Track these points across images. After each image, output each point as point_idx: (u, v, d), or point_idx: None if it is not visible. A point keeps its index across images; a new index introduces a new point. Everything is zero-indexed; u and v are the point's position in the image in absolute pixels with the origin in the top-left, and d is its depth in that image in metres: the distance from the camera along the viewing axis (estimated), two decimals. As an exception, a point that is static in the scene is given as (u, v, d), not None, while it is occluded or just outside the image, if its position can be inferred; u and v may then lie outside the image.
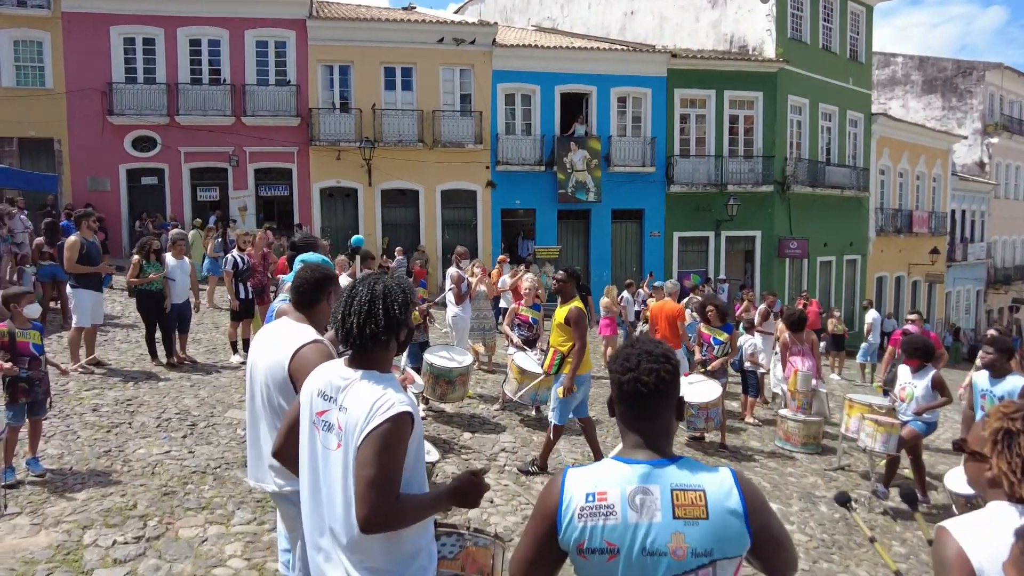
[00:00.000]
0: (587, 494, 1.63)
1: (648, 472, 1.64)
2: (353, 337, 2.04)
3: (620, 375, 1.71)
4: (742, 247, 22.43)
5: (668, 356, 1.75)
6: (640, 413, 1.71)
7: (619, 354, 1.77)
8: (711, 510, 1.60)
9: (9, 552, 3.81)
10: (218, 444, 5.73)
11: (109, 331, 9.36)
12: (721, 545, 1.59)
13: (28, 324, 4.90)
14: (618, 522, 1.60)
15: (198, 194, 19.07)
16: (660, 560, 1.58)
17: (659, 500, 1.61)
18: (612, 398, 1.78)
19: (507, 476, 5.74)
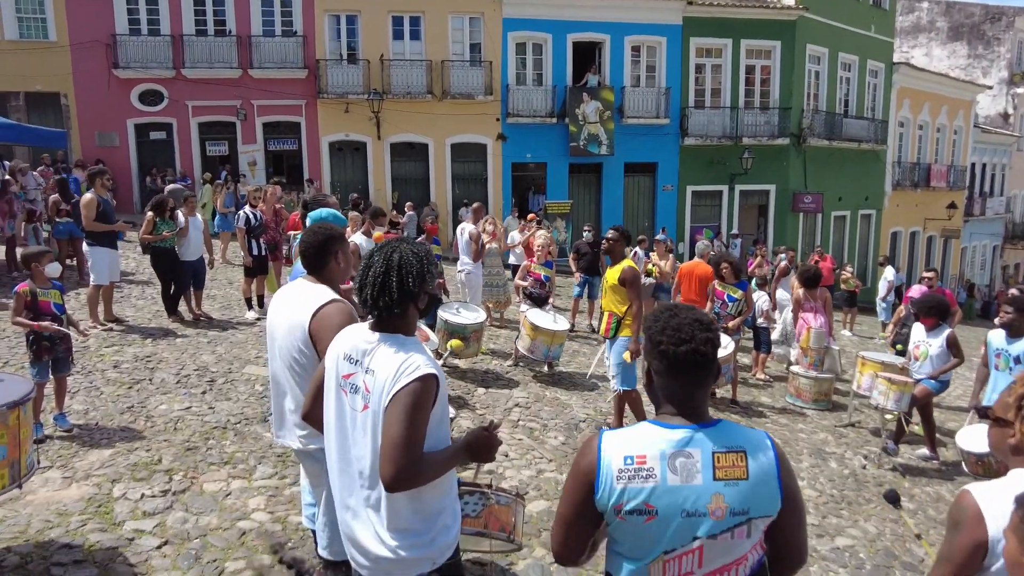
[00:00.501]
0: (625, 457, 1.66)
1: (689, 436, 1.68)
2: (369, 307, 2.08)
3: (675, 346, 1.70)
4: (756, 201, 22.17)
5: (714, 322, 1.80)
6: (690, 381, 1.73)
7: (665, 323, 1.74)
8: (751, 471, 1.65)
9: (44, 504, 3.93)
10: (237, 400, 5.84)
11: (124, 288, 9.44)
12: (757, 504, 1.65)
13: (48, 284, 4.93)
14: (657, 484, 1.64)
15: (207, 149, 18.95)
16: (700, 520, 1.63)
17: (699, 463, 1.65)
18: (652, 367, 1.78)
19: (521, 431, 5.82)
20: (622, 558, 1.72)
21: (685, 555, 1.65)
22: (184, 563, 3.49)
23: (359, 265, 2.19)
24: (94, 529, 3.72)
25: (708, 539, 1.64)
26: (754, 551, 1.70)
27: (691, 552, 1.65)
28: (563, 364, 8.03)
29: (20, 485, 3.37)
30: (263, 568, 3.49)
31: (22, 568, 3.35)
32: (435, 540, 2.09)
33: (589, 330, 10.42)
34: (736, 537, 1.65)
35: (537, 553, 3.91)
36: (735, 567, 1.67)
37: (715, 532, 1.63)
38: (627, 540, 1.70)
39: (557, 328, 7.42)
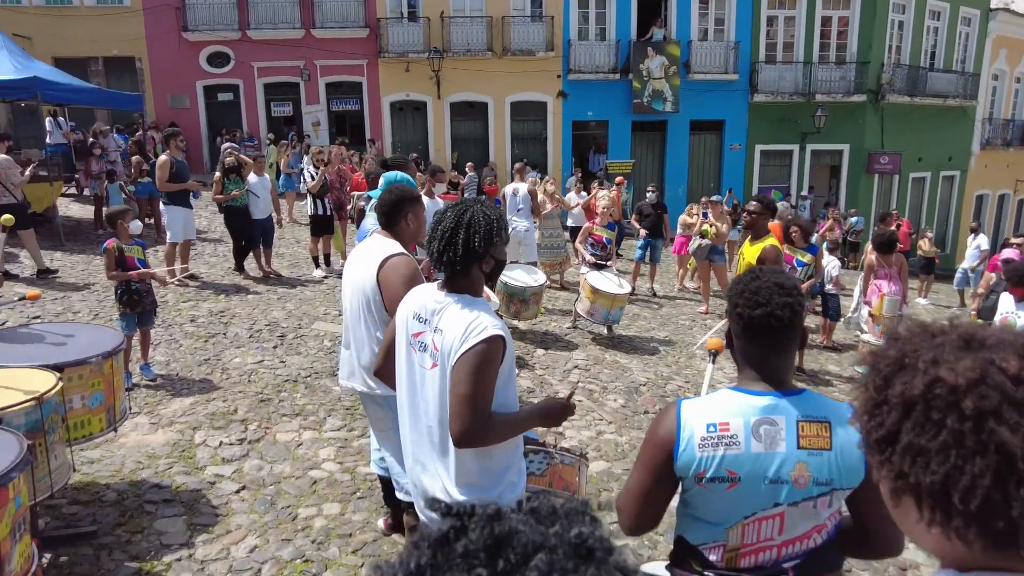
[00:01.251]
0: (708, 424, 1.64)
1: (773, 404, 1.65)
2: (437, 260, 2.10)
3: (750, 309, 1.67)
4: (828, 162, 21.15)
5: (797, 288, 1.72)
6: (768, 347, 1.70)
7: (745, 286, 1.71)
8: (835, 441, 1.62)
9: (135, 447, 4.22)
10: (307, 354, 6.06)
11: (199, 245, 9.85)
12: (841, 476, 1.62)
13: (131, 240, 5.18)
14: (741, 452, 1.62)
15: (272, 109, 19.36)
16: (782, 487, 1.62)
17: (783, 431, 1.63)
18: (732, 331, 1.76)
19: (581, 392, 5.84)
20: (699, 522, 1.71)
21: (765, 520, 1.64)
22: (260, 507, 3.70)
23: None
24: (179, 472, 3.97)
25: (789, 506, 1.62)
26: (832, 519, 1.67)
27: (772, 518, 1.63)
28: (623, 328, 7.97)
29: (115, 429, 3.62)
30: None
31: (119, 504, 3.61)
32: (502, 496, 2.13)
33: (650, 294, 10.28)
34: (818, 507, 1.63)
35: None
36: (814, 533, 1.65)
37: (797, 500, 1.62)
38: (706, 506, 1.69)
39: (618, 291, 7.35)
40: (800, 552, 1.65)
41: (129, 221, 5.14)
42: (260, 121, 19.18)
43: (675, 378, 6.55)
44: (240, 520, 3.57)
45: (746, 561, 1.66)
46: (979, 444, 0.74)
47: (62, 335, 3.71)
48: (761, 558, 1.65)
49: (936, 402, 0.78)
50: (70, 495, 3.64)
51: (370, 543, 3.47)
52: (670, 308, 9.67)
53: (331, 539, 3.48)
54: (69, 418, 3.18)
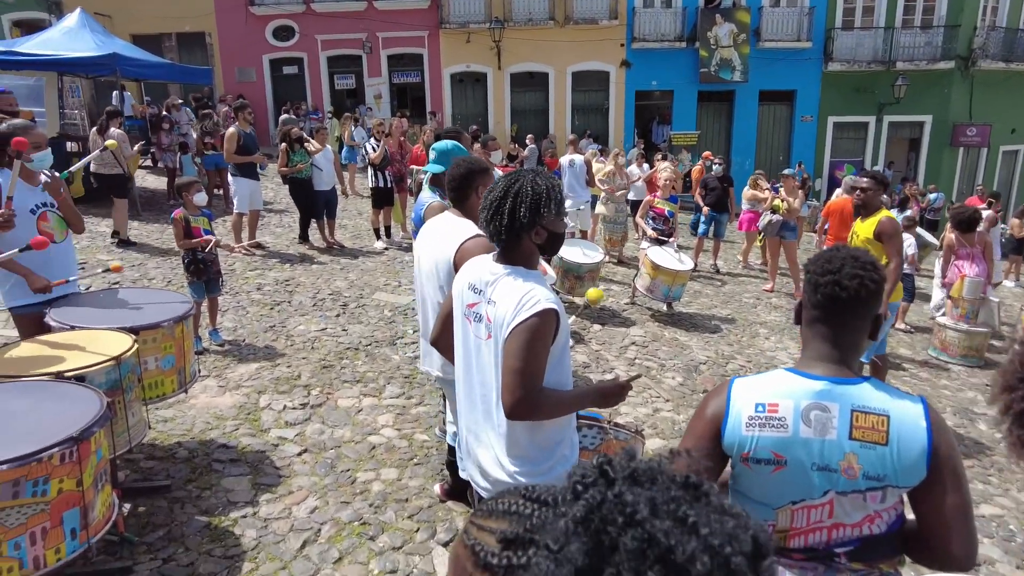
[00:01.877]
0: (757, 404, 1.59)
1: (828, 389, 1.57)
2: (493, 232, 2.08)
3: (819, 276, 1.61)
4: (907, 134, 19.97)
5: (876, 265, 1.63)
6: (831, 321, 1.62)
7: (822, 255, 1.66)
8: (892, 437, 1.52)
9: (204, 408, 4.42)
10: (368, 323, 6.18)
11: (265, 216, 10.14)
12: (896, 474, 1.52)
13: (198, 211, 5.35)
14: (787, 435, 1.56)
15: (335, 82, 19.65)
16: (830, 476, 1.55)
17: (836, 419, 1.54)
18: (802, 302, 1.69)
19: (638, 368, 5.77)
20: (748, 500, 1.66)
21: (814, 507, 1.57)
22: (321, 470, 3.82)
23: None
24: (245, 433, 4.14)
25: (838, 494, 1.55)
26: (889, 512, 1.58)
27: (821, 505, 1.57)
28: (684, 305, 7.81)
29: (186, 390, 3.79)
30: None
31: (190, 461, 3.80)
32: (553, 469, 2.12)
33: (713, 270, 10.02)
34: (868, 500, 1.55)
35: (651, 490, 3.92)
36: (867, 523, 1.57)
37: (845, 490, 1.54)
38: (752, 486, 1.64)
39: (680, 268, 7.18)
40: (853, 538, 1.58)
41: (194, 193, 5.29)
42: (324, 94, 19.51)
43: (737, 357, 6.38)
44: (302, 482, 3.69)
45: (796, 542, 1.60)
46: None
47: (138, 300, 3.89)
48: (811, 540, 1.59)
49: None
50: (146, 451, 3.84)
51: (425, 508, 3.54)
52: (733, 285, 9.41)
53: (388, 503, 3.56)
54: (144, 378, 3.34)
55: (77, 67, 10.65)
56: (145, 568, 2.93)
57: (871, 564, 1.58)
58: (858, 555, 1.58)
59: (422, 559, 3.18)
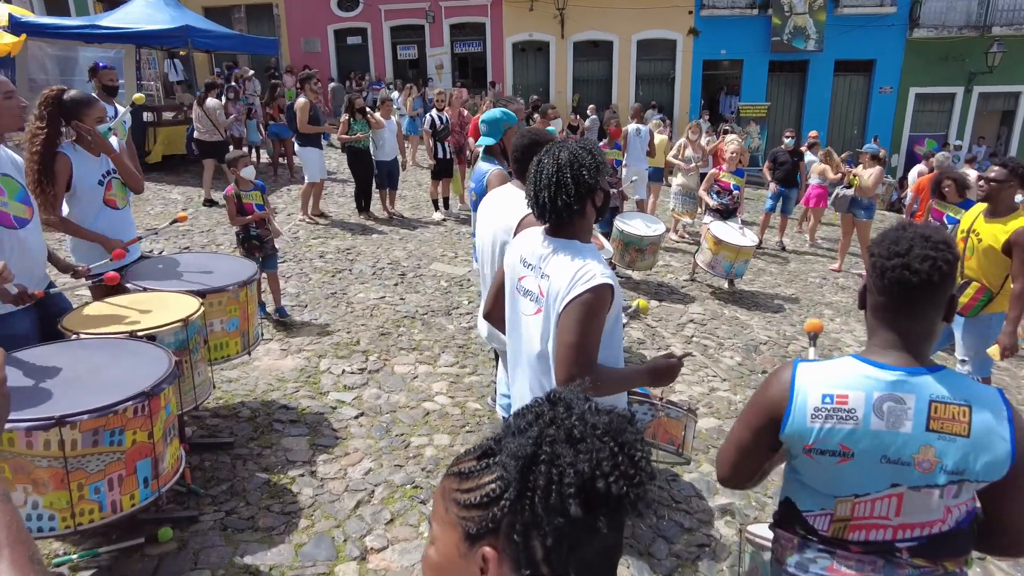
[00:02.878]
0: (824, 395, 1.50)
1: (903, 380, 1.47)
2: (548, 211, 2.01)
3: (885, 259, 1.49)
4: (999, 107, 18.64)
5: (949, 244, 1.49)
6: (902, 307, 1.50)
7: (887, 235, 1.54)
8: (975, 428, 1.43)
9: (267, 370, 4.59)
10: (424, 293, 6.27)
11: (327, 186, 10.36)
12: (977, 467, 1.43)
13: (250, 185, 5.23)
14: (858, 427, 1.48)
15: (398, 53, 19.74)
16: (902, 469, 1.47)
17: (912, 410, 1.45)
18: (867, 286, 1.59)
19: (694, 347, 5.66)
20: (807, 488, 1.60)
21: (880, 500, 1.50)
22: (376, 433, 3.92)
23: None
24: (305, 396, 4.28)
25: (910, 489, 1.47)
26: (960, 507, 1.49)
27: (887, 498, 1.49)
28: (746, 282, 7.59)
29: (249, 352, 3.93)
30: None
31: (252, 420, 3.96)
32: (601, 444, 2.11)
33: (779, 248, 9.68)
34: (944, 496, 1.46)
35: (704, 468, 3.86)
36: (938, 523, 1.49)
37: (919, 485, 1.46)
38: (813, 475, 1.57)
39: (743, 243, 6.96)
40: (920, 536, 1.50)
41: (242, 167, 5.16)
42: (387, 64, 19.64)
43: (799, 338, 6.17)
44: (357, 444, 3.80)
45: (856, 535, 1.53)
46: None
47: (205, 265, 4.05)
48: (872, 535, 1.52)
49: None
50: (212, 409, 4.03)
51: (475, 477, 3.59)
52: (799, 264, 9.08)
53: (439, 468, 3.63)
54: (210, 340, 3.48)
55: (152, 39, 11.05)
56: (210, 518, 3.09)
57: (935, 561, 1.50)
58: (922, 551, 1.50)
59: (471, 525, 3.24)
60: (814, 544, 1.58)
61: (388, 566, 2.96)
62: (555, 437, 0.82)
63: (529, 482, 0.80)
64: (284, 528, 3.10)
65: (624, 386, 2.11)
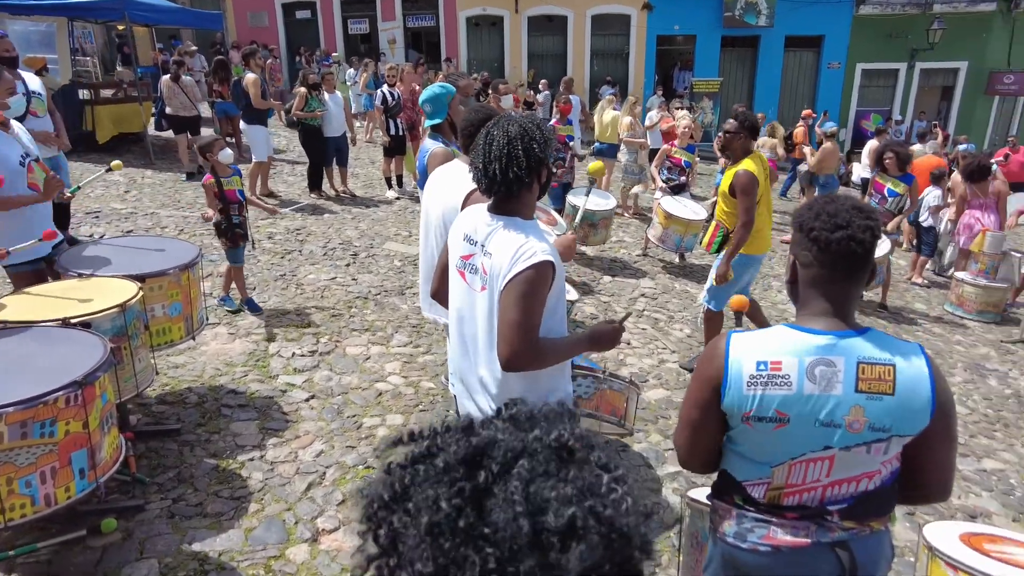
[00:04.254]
0: (758, 362, 1.56)
1: (832, 344, 1.54)
2: (497, 183, 2.01)
3: (828, 232, 1.55)
4: (940, 82, 19.22)
5: (874, 212, 1.61)
6: (841, 276, 1.58)
7: (820, 210, 1.60)
8: (899, 386, 1.51)
9: (215, 355, 4.51)
10: (377, 273, 6.22)
11: (276, 165, 10.12)
12: (901, 423, 1.53)
13: (229, 171, 4.86)
14: (792, 392, 1.54)
15: (349, 27, 19.25)
16: (834, 431, 1.54)
17: (842, 373, 1.53)
18: (799, 260, 1.64)
19: (646, 321, 5.77)
20: (744, 459, 1.66)
21: (813, 462, 1.57)
22: (328, 415, 3.90)
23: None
24: (254, 380, 4.23)
25: (841, 450, 1.54)
26: (887, 465, 1.58)
27: (820, 460, 1.56)
28: (696, 256, 7.73)
29: (194, 337, 3.86)
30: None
31: (200, 406, 3.90)
32: (546, 418, 2.14)
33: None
34: (872, 452, 1.54)
35: (653, 439, 3.96)
36: (865, 479, 1.57)
37: (849, 444, 1.53)
38: (751, 444, 1.63)
39: (693, 217, 7.07)
40: (847, 495, 1.58)
41: (218, 152, 4.78)
42: (337, 39, 19.15)
43: (746, 310, 6.34)
44: (308, 427, 3.78)
45: (789, 500, 1.61)
46: None
47: (147, 248, 3.93)
48: (805, 498, 1.59)
49: None
50: (158, 396, 3.95)
51: (428, 455, 3.62)
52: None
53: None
54: (152, 325, 3.40)
55: (85, 11, 10.51)
56: (156, 507, 3.05)
57: (862, 522, 1.59)
58: (851, 513, 1.58)
59: (423, 503, 3.27)
60: (751, 514, 1.64)
61: (340, 546, 2.98)
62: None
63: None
64: (233, 513, 3.08)
65: (567, 355, 2.13)
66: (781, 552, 1.61)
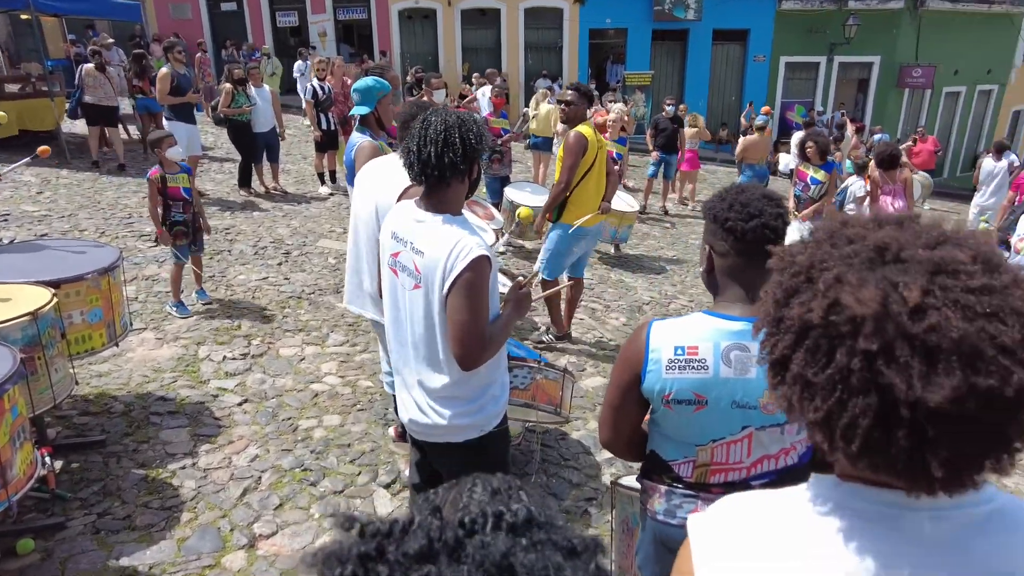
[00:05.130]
0: (676, 347, 1.62)
1: (746, 329, 1.60)
2: (431, 167, 2.00)
3: (743, 222, 1.61)
4: (856, 75, 20.17)
5: (782, 200, 1.69)
6: (756, 263, 1.62)
7: (732, 200, 1.66)
8: None
9: (142, 361, 4.32)
10: (311, 271, 6.09)
11: (205, 163, 9.75)
12: None
13: (176, 168, 4.87)
14: (708, 376, 1.60)
15: (277, 20, 18.70)
16: (749, 412, 1.61)
17: (755, 357, 1.58)
18: (714, 249, 1.69)
19: (583, 311, 5.85)
20: (670, 440, 1.72)
21: (734, 443, 1.64)
22: (262, 419, 3.81)
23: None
24: (184, 385, 4.08)
25: (757, 430, 1.62)
26: (802, 443, 1.67)
27: (740, 441, 1.64)
28: (631, 247, 7.90)
29: (117, 343, 3.70)
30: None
31: (127, 415, 3.74)
32: (483, 408, 2.17)
33: (662, 212, 10.12)
34: (786, 433, 1.62)
35: (591, 426, 4.04)
36: (783, 455, 1.65)
37: (765, 425, 1.61)
38: (674, 426, 1.69)
39: (626, 209, 7.22)
40: (770, 471, 1.66)
41: (166, 148, 4.78)
42: (265, 32, 18.58)
43: (679, 297, 6.53)
44: (242, 431, 3.69)
45: (716, 478, 1.67)
46: (864, 383, 0.69)
47: (62, 252, 3.74)
48: (731, 476, 1.67)
49: (831, 331, 0.71)
50: (80, 406, 3.76)
51: (367, 453, 3.59)
52: (682, 227, 9.54)
53: (330, 449, 3.59)
54: (69, 333, 3.24)
55: (-14, 0, 9.85)
56: (80, 523, 2.91)
57: None
58: (773, 486, 1.66)
59: (363, 501, 3.24)
60: (679, 491, 1.71)
61: (279, 551, 2.92)
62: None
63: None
64: (165, 524, 2.98)
65: (506, 333, 2.15)
66: None
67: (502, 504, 0.57)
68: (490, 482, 0.62)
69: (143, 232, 6.60)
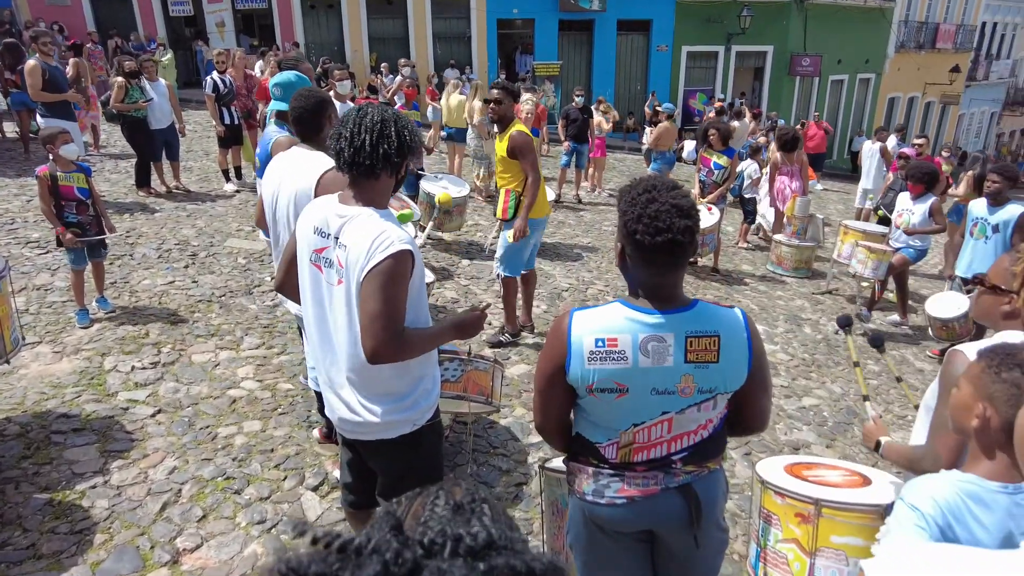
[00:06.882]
0: (597, 339, 1.69)
1: (662, 322, 1.69)
2: (364, 155, 1.96)
3: (651, 237, 1.62)
4: (752, 64, 21.26)
5: (695, 206, 1.69)
6: (666, 267, 1.71)
7: (641, 211, 1.64)
8: (723, 353, 1.69)
9: (38, 378, 4.03)
10: (220, 273, 5.84)
11: (98, 162, 9.12)
12: (725, 383, 1.72)
13: (72, 166, 4.59)
14: (628, 366, 1.68)
15: (170, 8, 17.64)
16: (668, 398, 1.71)
17: (672, 347, 1.68)
18: (626, 251, 1.74)
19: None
20: (594, 424, 1.81)
21: (655, 425, 1.74)
22: (178, 429, 3.64)
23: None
24: (89, 400, 3.84)
25: (676, 413, 1.73)
26: (717, 417, 1.79)
27: (660, 423, 1.74)
28: (548, 235, 8.02)
29: (8, 360, 3.43)
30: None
31: (23, 436, 3.48)
32: (416, 403, 2.16)
33: (575, 201, 10.33)
34: (702, 410, 1.74)
35: (518, 412, 4.11)
36: (701, 430, 1.77)
37: (683, 407, 1.72)
38: (599, 412, 1.78)
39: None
40: (688, 446, 1.77)
41: (60, 145, 4.48)
42: (157, 22, 17.49)
43: (596, 283, 6.71)
44: (157, 443, 3.51)
45: (639, 456, 1.77)
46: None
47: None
48: (652, 453, 1.76)
49: None
50: (-32, 430, 3.47)
51: (292, 456, 3.50)
52: (594, 214, 9.78)
53: (252, 455, 3.49)
54: (-47, 351, 2.98)
55: None
56: (-24, 555, 2.70)
57: (701, 464, 1.80)
58: (691, 459, 1.78)
59: (291, 506, 3.18)
60: (606, 472, 1.80)
61: (205, 563, 2.82)
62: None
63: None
64: (76, 549, 2.81)
65: (433, 345, 2.15)
66: (635, 502, 1.77)
67: (462, 525, 0.57)
68: (453, 495, 0.62)
69: (30, 238, 6.13)
